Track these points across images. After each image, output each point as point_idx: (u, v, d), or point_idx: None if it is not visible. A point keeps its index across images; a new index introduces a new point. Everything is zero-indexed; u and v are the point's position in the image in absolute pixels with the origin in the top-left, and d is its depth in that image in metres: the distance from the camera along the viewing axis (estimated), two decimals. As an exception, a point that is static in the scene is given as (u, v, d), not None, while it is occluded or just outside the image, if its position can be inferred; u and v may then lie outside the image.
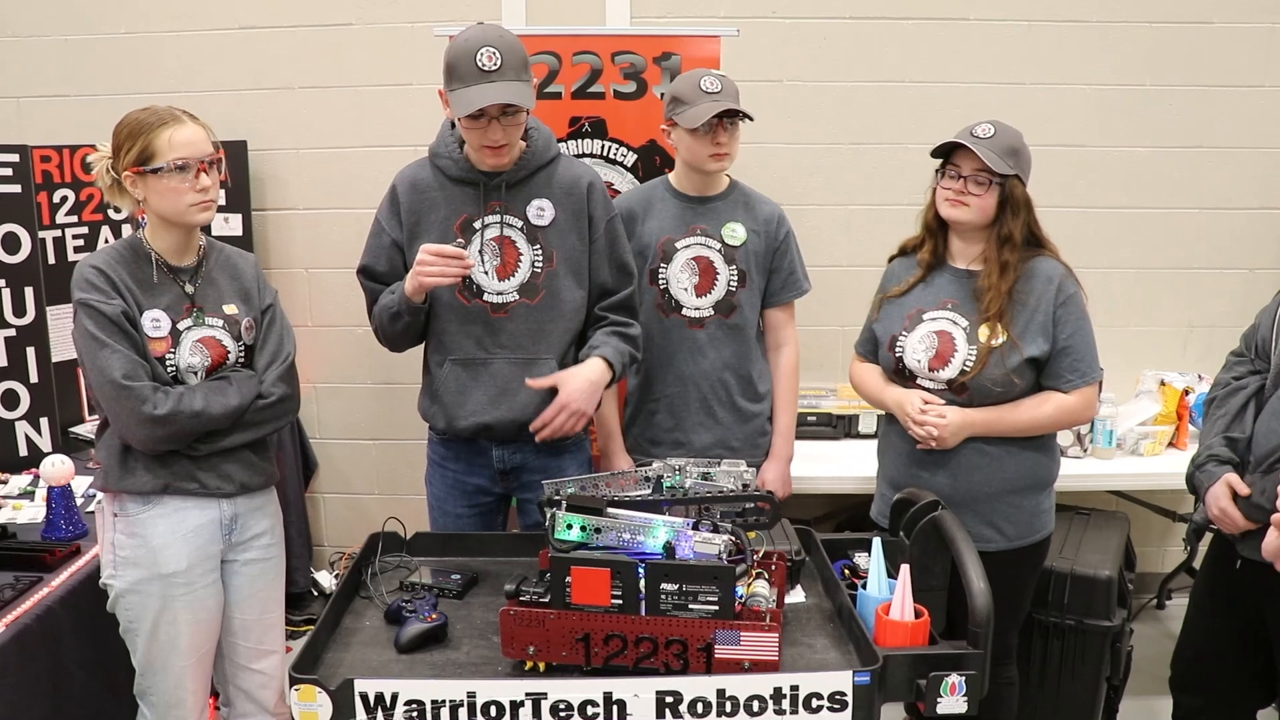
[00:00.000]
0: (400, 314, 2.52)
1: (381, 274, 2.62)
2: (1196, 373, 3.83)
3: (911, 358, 2.57)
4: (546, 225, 2.57)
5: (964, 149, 2.45)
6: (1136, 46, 3.85)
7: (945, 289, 2.59)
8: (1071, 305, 2.49)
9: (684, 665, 1.74)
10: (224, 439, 2.29)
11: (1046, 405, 2.51)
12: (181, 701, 2.35)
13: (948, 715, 1.77)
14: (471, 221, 2.55)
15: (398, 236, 2.59)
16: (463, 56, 2.36)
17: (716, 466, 2.02)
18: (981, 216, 2.49)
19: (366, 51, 3.91)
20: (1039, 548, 2.64)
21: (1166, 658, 2.72)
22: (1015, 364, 2.47)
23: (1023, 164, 2.49)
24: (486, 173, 2.54)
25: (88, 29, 3.96)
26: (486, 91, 2.35)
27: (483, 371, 2.58)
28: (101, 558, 2.33)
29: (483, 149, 2.46)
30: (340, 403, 4.24)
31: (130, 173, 2.20)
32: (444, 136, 2.59)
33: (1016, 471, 2.55)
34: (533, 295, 2.57)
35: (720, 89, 2.70)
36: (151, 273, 2.27)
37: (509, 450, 2.64)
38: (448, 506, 2.73)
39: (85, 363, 2.21)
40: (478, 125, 2.41)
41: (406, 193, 2.59)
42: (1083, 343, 2.51)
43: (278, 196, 4.07)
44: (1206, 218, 3.99)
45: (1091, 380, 2.53)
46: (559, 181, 2.59)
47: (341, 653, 1.89)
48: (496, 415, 2.57)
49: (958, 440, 2.51)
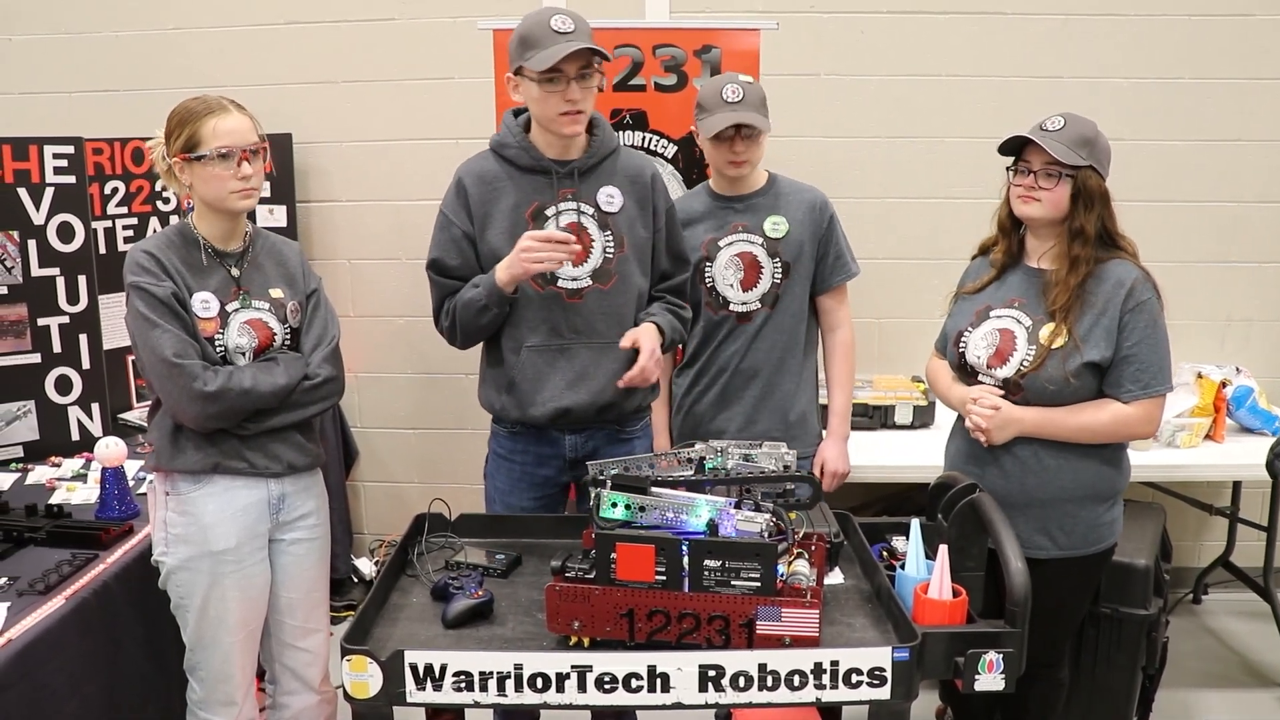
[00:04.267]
0: (488, 307, 2.51)
1: (453, 267, 2.59)
2: (1234, 365, 3.83)
3: (973, 354, 2.52)
4: (616, 212, 2.59)
5: (1034, 144, 2.38)
6: (1175, 40, 3.85)
7: (1016, 287, 2.53)
8: (1142, 312, 2.38)
9: (726, 640, 1.77)
10: (271, 419, 2.34)
11: (1103, 414, 2.40)
12: (230, 676, 2.40)
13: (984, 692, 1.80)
14: (543, 209, 2.56)
15: (468, 229, 2.58)
16: (536, 25, 2.41)
17: (758, 448, 2.05)
18: (1054, 211, 2.41)
19: (409, 45, 3.97)
20: (1098, 559, 2.55)
21: (1202, 652, 2.70)
22: (1074, 366, 2.38)
23: (1099, 154, 2.41)
24: (557, 160, 2.56)
25: (137, 25, 4.05)
26: (566, 46, 2.37)
27: (559, 357, 2.58)
28: (153, 536, 2.39)
29: (560, 117, 2.46)
30: (381, 392, 4.30)
31: (178, 159, 2.27)
32: (509, 127, 2.60)
33: (1074, 480, 2.46)
34: (605, 280, 2.58)
35: (741, 98, 2.70)
36: (200, 256, 2.33)
37: (582, 438, 2.65)
38: (512, 500, 2.72)
39: (137, 343, 2.27)
40: (556, 89, 2.42)
41: (474, 184, 2.58)
42: (1149, 352, 2.38)
43: (321, 189, 4.13)
44: (1245, 210, 3.98)
45: (1155, 393, 2.39)
46: (624, 170, 2.62)
47: (390, 628, 1.94)
48: (575, 399, 2.57)
49: (1006, 436, 2.44)
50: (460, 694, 1.74)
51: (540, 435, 2.65)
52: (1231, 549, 4.07)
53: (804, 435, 2.95)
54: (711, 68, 3.41)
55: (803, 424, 2.95)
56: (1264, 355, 4.07)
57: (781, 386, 2.89)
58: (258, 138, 2.32)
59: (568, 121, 2.47)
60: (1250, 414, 3.65)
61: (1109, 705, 3.10)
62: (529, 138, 2.57)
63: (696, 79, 3.40)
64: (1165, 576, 3.22)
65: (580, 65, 2.42)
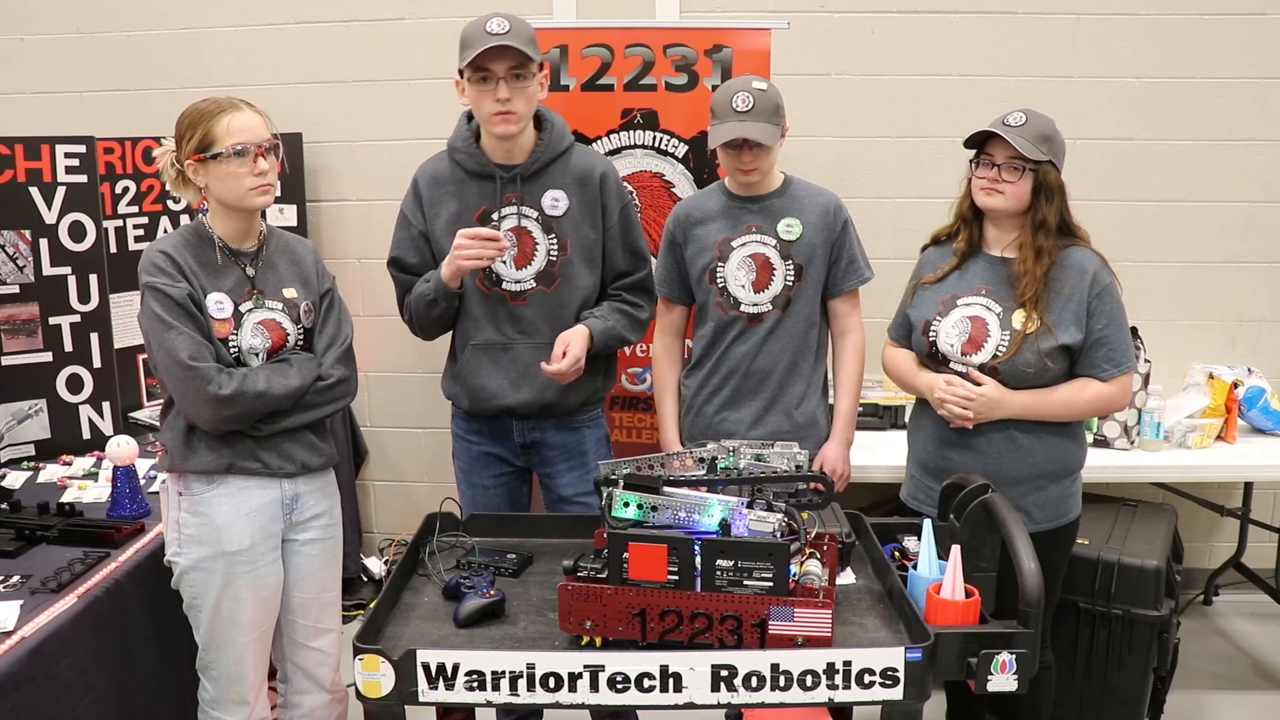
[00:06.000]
0: (437, 300, 2.66)
1: (412, 265, 2.75)
2: (1246, 366, 3.82)
3: (945, 342, 2.61)
4: (561, 215, 2.69)
5: (997, 138, 2.49)
6: (1186, 39, 3.84)
7: (980, 275, 2.62)
8: (1107, 296, 2.52)
9: (738, 640, 1.77)
10: (285, 420, 2.35)
11: (1085, 392, 2.55)
12: (242, 676, 2.40)
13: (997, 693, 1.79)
14: (489, 214, 2.66)
15: (424, 228, 2.72)
16: (473, 28, 2.52)
17: (770, 448, 2.05)
18: (1017, 203, 2.53)
19: (419, 45, 3.98)
20: (1067, 530, 2.68)
21: (1213, 653, 2.71)
22: (1049, 348, 2.51)
23: (1056, 150, 2.52)
24: (502, 165, 2.65)
25: (148, 26, 4.06)
26: (488, 44, 2.46)
27: (503, 356, 2.72)
28: (166, 536, 2.39)
29: (492, 116, 2.54)
30: (391, 391, 4.30)
31: (192, 160, 2.27)
32: (460, 130, 2.71)
33: (1045, 456, 2.59)
34: (549, 283, 2.70)
35: (751, 107, 2.67)
36: (215, 255, 2.33)
37: (528, 426, 2.79)
38: (474, 479, 2.87)
39: (151, 344, 2.27)
40: (486, 89, 2.52)
41: (428, 186, 2.72)
42: (1117, 333, 2.53)
43: (331, 188, 4.15)
44: (1257, 210, 3.97)
45: (1128, 369, 2.56)
46: (572, 172, 2.70)
47: (402, 626, 1.94)
48: (517, 398, 2.72)
49: (994, 416, 2.54)
50: (472, 693, 1.75)
51: (491, 420, 2.82)
52: (1243, 550, 4.06)
53: (812, 438, 2.94)
54: (723, 67, 3.41)
55: (812, 426, 2.94)
56: (1276, 356, 4.05)
57: (792, 389, 2.88)
58: (270, 135, 2.32)
59: (499, 121, 2.55)
60: (1262, 415, 3.64)
61: (1120, 707, 3.10)
62: (479, 143, 2.67)
63: (707, 79, 3.40)
64: (1176, 578, 3.22)
65: (510, 65, 2.50)
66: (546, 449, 2.82)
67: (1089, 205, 2.57)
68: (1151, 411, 3.44)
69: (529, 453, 2.84)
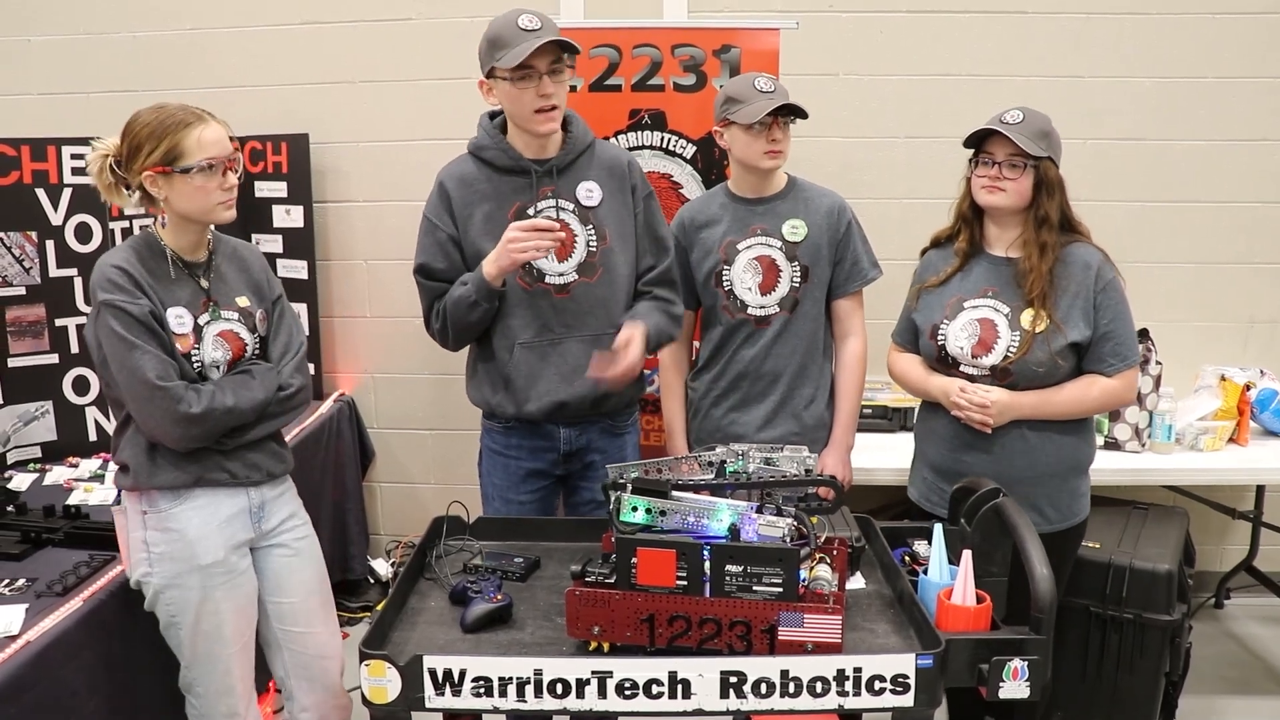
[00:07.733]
0: (478, 302, 2.54)
1: (440, 270, 2.64)
2: (1258, 368, 3.79)
3: (954, 345, 2.60)
4: (596, 205, 2.64)
5: (996, 136, 2.50)
6: (1197, 38, 3.81)
7: (984, 277, 2.62)
8: (1111, 291, 2.53)
9: (748, 646, 1.76)
10: (249, 432, 2.30)
11: (1093, 388, 2.54)
12: (231, 689, 2.36)
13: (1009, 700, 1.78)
14: (524, 209, 2.60)
15: (452, 232, 2.62)
16: (504, 26, 2.46)
17: (779, 452, 2.03)
18: (1018, 200, 2.53)
19: (426, 45, 3.97)
20: (1078, 530, 2.67)
21: (1225, 657, 2.69)
22: (1059, 347, 2.50)
23: (1054, 146, 2.52)
24: (535, 160, 2.60)
25: (155, 27, 4.05)
26: (535, 41, 2.42)
27: (552, 352, 2.62)
28: (131, 558, 2.31)
29: (536, 114, 2.50)
30: (397, 393, 4.29)
31: (153, 172, 2.17)
32: (486, 129, 2.65)
33: (1056, 455, 2.58)
34: (590, 274, 2.62)
35: (774, 89, 2.73)
36: (168, 269, 2.25)
37: (576, 431, 2.69)
38: (510, 495, 2.75)
39: (113, 364, 2.17)
40: (529, 86, 2.47)
41: (456, 187, 2.63)
42: (1123, 328, 2.54)
43: (338, 189, 4.13)
44: (1269, 211, 3.94)
45: (1133, 363, 2.56)
46: (600, 162, 2.67)
47: (408, 631, 1.93)
48: (570, 392, 2.62)
49: (1005, 420, 2.54)
50: (479, 699, 1.73)
51: (534, 430, 2.69)
52: (1255, 553, 4.04)
53: (822, 440, 2.93)
54: (731, 67, 3.40)
55: (821, 428, 2.93)
56: (1288, 358, 4.02)
57: (801, 391, 2.87)
58: (234, 145, 2.27)
59: (543, 119, 2.51)
60: (1274, 417, 3.62)
61: (1132, 711, 3.08)
62: (506, 139, 2.61)
63: (716, 79, 3.39)
64: (1188, 581, 3.19)
65: (551, 60, 2.46)
66: (589, 454, 2.73)
67: (1099, 206, 2.56)
68: (1163, 414, 3.42)
69: (570, 460, 2.74)
